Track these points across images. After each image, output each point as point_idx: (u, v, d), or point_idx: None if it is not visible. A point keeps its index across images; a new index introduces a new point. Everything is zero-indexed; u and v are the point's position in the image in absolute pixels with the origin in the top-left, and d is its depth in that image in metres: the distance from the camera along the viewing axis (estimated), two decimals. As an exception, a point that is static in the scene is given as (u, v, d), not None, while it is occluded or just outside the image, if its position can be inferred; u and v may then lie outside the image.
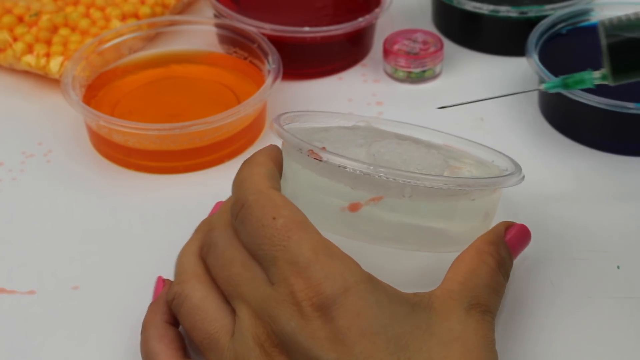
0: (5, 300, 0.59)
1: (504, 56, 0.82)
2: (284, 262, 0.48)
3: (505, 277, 0.54)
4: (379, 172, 0.51)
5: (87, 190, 0.68)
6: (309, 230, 0.49)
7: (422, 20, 0.86)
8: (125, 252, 0.62)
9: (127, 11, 0.81)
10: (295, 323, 0.47)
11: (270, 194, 0.50)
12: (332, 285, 0.47)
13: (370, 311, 0.47)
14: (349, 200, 0.53)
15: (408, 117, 0.72)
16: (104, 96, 0.74)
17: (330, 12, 0.82)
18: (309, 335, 0.47)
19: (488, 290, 0.51)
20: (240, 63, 0.77)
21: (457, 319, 0.49)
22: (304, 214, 0.50)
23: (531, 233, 0.56)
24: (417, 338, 0.48)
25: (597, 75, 0.56)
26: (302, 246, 0.48)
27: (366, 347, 0.46)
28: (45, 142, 0.73)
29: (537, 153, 0.71)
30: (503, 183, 0.55)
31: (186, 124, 0.67)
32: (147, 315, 0.54)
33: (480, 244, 0.53)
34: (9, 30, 0.78)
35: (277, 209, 0.50)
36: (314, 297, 0.47)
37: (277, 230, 0.49)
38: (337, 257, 0.48)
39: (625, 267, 0.61)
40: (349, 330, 0.47)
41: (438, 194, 0.53)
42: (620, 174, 0.69)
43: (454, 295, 0.50)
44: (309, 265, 0.48)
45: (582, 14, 0.78)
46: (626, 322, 0.57)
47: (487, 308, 0.51)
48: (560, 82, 0.56)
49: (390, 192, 0.53)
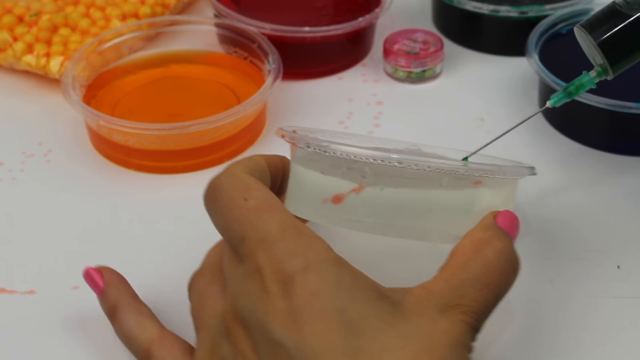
0: (5, 300, 0.59)
1: (504, 56, 0.82)
2: (251, 240, 0.48)
3: (514, 261, 0.50)
4: (394, 160, 0.51)
5: (87, 190, 0.68)
6: (279, 210, 0.49)
7: (422, 20, 0.86)
8: (126, 252, 0.62)
9: (127, 11, 0.81)
10: (256, 298, 0.47)
11: (244, 177, 0.51)
12: (294, 262, 0.47)
13: (328, 292, 0.46)
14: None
15: (408, 117, 0.72)
16: (104, 96, 0.74)
17: (330, 12, 0.82)
18: (266, 310, 0.46)
19: (477, 287, 0.48)
20: (241, 63, 0.77)
21: (427, 318, 0.47)
22: (276, 197, 0.50)
23: (518, 219, 0.53)
24: (374, 327, 0.46)
25: (594, 75, 0.56)
26: (270, 224, 0.48)
27: (317, 327, 0.45)
28: (45, 142, 0.73)
29: (537, 153, 0.71)
30: (495, 173, 0.53)
31: (186, 124, 0.67)
32: (111, 297, 0.54)
33: (476, 233, 0.51)
34: (9, 30, 0.78)
35: (249, 191, 0.50)
36: (276, 273, 0.47)
37: (248, 210, 0.49)
38: (305, 236, 0.48)
39: (626, 267, 0.61)
40: (302, 308, 0.46)
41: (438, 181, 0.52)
42: (620, 174, 0.69)
43: (432, 296, 0.48)
44: (275, 242, 0.47)
45: (583, 13, 0.78)
46: (626, 322, 0.57)
47: (470, 309, 0.48)
48: (563, 93, 0.57)
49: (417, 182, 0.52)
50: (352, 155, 0.51)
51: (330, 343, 0.45)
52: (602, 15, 0.56)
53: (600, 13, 0.56)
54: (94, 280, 0.55)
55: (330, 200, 0.53)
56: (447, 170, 0.51)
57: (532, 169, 0.56)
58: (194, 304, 0.52)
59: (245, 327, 0.47)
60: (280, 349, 0.45)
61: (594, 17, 0.56)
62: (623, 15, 0.55)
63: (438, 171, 0.51)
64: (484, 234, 0.50)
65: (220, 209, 0.50)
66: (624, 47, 0.55)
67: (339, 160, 0.52)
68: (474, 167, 0.52)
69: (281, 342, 0.45)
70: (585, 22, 0.56)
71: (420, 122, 0.66)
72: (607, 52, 0.55)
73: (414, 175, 0.52)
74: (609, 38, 0.55)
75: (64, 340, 0.56)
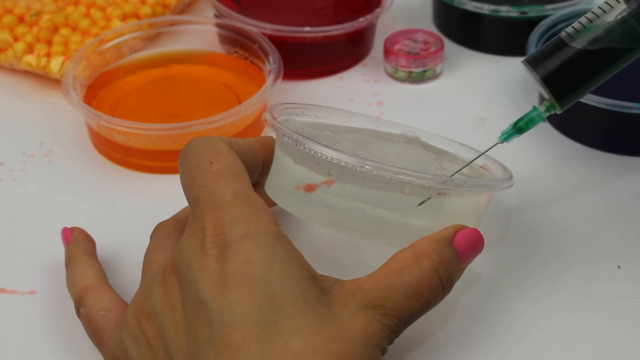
0: (5, 300, 0.59)
1: (505, 56, 0.82)
2: (205, 201, 0.50)
3: (446, 280, 0.51)
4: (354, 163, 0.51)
5: (87, 190, 0.68)
6: (239, 179, 0.51)
7: (423, 20, 0.86)
8: (126, 252, 0.62)
9: (128, 11, 0.81)
10: (194, 256, 0.49)
11: (218, 144, 0.53)
12: (235, 228, 0.48)
13: (260, 263, 0.47)
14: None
15: (408, 117, 0.72)
16: (105, 96, 0.74)
17: (331, 12, 0.82)
18: (200, 269, 0.48)
19: (406, 294, 0.49)
20: (241, 63, 0.77)
21: (347, 310, 0.48)
22: (243, 167, 0.52)
23: (484, 240, 0.53)
24: (294, 305, 0.47)
25: (543, 109, 0.55)
26: (225, 189, 0.50)
27: (240, 295, 0.47)
28: (45, 142, 0.73)
29: (537, 153, 0.71)
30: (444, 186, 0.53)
31: (187, 124, 0.67)
32: (70, 251, 0.58)
33: (423, 243, 0.51)
34: (9, 30, 0.78)
35: (217, 156, 0.52)
36: (217, 235, 0.48)
37: (210, 173, 0.51)
38: (253, 207, 0.50)
39: (626, 267, 0.60)
40: (233, 274, 0.47)
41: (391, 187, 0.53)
42: (620, 174, 0.69)
43: (360, 292, 0.49)
44: (224, 207, 0.49)
45: (583, 13, 0.78)
46: (627, 322, 0.57)
47: (391, 312, 0.49)
48: (513, 129, 0.56)
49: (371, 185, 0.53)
50: (319, 154, 0.52)
51: (248, 313, 0.46)
52: (547, 49, 0.54)
53: (545, 47, 0.54)
54: (65, 236, 0.60)
55: (303, 188, 0.54)
56: (407, 181, 0.52)
57: (505, 182, 0.56)
58: (148, 251, 0.55)
59: (180, 281, 0.49)
60: (204, 308, 0.47)
61: (538, 52, 0.54)
62: (567, 48, 0.53)
63: (398, 180, 0.52)
64: (428, 246, 0.51)
65: (187, 168, 0.52)
66: (570, 81, 0.54)
67: (308, 154, 0.53)
68: (437, 179, 0.52)
69: (206, 302, 0.47)
70: (530, 56, 0.55)
71: (421, 122, 0.66)
72: (552, 87, 0.54)
73: (378, 179, 0.52)
74: (553, 73, 0.54)
75: (64, 340, 0.56)
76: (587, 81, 0.54)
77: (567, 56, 0.53)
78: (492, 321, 0.57)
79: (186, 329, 0.48)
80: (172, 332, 0.48)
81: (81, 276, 0.56)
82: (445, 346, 0.55)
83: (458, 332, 0.56)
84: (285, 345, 0.46)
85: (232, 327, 0.46)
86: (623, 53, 0.53)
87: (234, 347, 0.46)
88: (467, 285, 0.59)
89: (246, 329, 0.46)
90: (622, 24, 0.53)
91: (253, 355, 0.45)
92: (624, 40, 0.53)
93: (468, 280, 0.59)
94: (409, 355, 0.55)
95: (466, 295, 0.59)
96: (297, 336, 0.46)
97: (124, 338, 0.51)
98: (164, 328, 0.49)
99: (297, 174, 0.54)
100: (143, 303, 0.50)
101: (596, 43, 0.53)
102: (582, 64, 0.53)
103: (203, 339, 0.47)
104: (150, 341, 0.49)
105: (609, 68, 0.54)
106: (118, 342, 0.51)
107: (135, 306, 0.51)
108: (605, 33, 0.53)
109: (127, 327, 0.50)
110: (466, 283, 0.59)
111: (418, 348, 0.55)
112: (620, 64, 0.54)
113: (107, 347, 0.52)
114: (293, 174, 0.55)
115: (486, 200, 0.57)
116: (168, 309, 0.49)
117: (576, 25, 0.54)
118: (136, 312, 0.50)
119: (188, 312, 0.48)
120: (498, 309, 0.58)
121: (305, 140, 0.53)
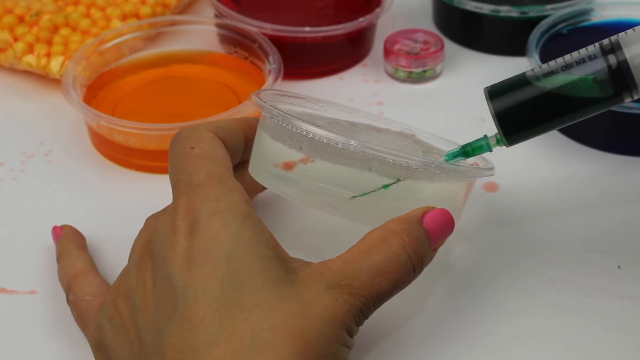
0: (5, 300, 0.59)
1: (505, 56, 0.82)
2: (182, 183, 0.51)
3: (415, 259, 0.50)
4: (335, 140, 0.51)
5: (87, 190, 0.68)
6: (216, 162, 0.52)
7: (423, 20, 0.86)
8: (126, 251, 0.62)
9: (128, 11, 0.81)
10: (166, 234, 0.49)
11: (202, 131, 0.54)
12: (206, 206, 0.49)
13: (225, 240, 0.48)
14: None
15: (408, 116, 0.72)
16: (105, 96, 0.74)
17: (331, 12, 0.82)
18: (170, 246, 0.49)
19: (374, 273, 0.49)
20: (241, 63, 0.77)
21: (312, 290, 0.48)
22: (224, 152, 0.53)
23: (454, 222, 0.53)
24: (256, 282, 0.47)
25: (493, 142, 0.54)
26: (200, 171, 0.51)
27: (204, 271, 0.47)
28: (46, 142, 0.73)
29: (537, 153, 0.71)
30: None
31: (187, 124, 0.67)
32: (60, 246, 0.59)
33: (392, 223, 0.51)
34: (9, 30, 0.78)
35: (199, 142, 0.53)
36: (188, 213, 0.49)
37: (190, 157, 0.52)
38: (226, 186, 0.50)
39: (626, 267, 0.60)
40: (198, 251, 0.48)
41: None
42: (620, 173, 0.69)
43: (327, 272, 0.48)
44: (197, 187, 0.50)
45: (583, 13, 0.78)
46: (627, 322, 0.57)
47: (358, 291, 0.48)
48: (460, 151, 0.55)
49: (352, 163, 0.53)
50: (290, 126, 0.52)
51: (210, 289, 0.47)
52: (509, 83, 0.53)
53: (508, 80, 0.53)
54: (55, 234, 0.61)
55: (282, 166, 0.55)
56: (373, 155, 0.51)
57: (478, 171, 0.56)
58: (137, 236, 0.56)
59: (153, 260, 0.50)
60: (170, 285, 0.48)
61: (500, 83, 0.54)
62: (528, 87, 0.52)
63: (364, 154, 0.51)
64: (397, 226, 0.51)
65: (171, 155, 0.54)
66: (521, 121, 0.53)
67: (281, 127, 0.53)
68: (404, 157, 0.51)
69: (172, 278, 0.48)
70: (492, 86, 0.54)
71: (421, 122, 0.66)
72: (502, 122, 0.53)
73: (345, 154, 0.52)
74: (506, 110, 0.53)
75: (64, 340, 0.56)
76: (541, 124, 0.53)
77: (525, 95, 0.52)
78: (492, 321, 0.57)
79: (155, 306, 0.48)
80: (142, 309, 0.49)
81: (71, 266, 0.57)
82: (445, 346, 0.55)
83: (458, 332, 0.56)
84: (244, 320, 0.46)
85: (193, 302, 0.47)
86: (584, 104, 0.52)
87: (194, 321, 0.46)
88: (467, 285, 0.59)
89: (206, 304, 0.46)
90: (584, 80, 0.52)
91: (211, 330, 0.46)
92: (588, 91, 0.52)
93: (468, 280, 0.59)
94: (409, 355, 0.55)
95: (466, 295, 0.59)
96: (256, 312, 0.46)
97: (101, 319, 0.51)
98: (136, 306, 0.49)
99: (274, 150, 0.55)
100: (120, 284, 0.51)
101: (559, 88, 0.52)
102: (540, 106, 0.52)
103: (167, 315, 0.47)
104: (124, 320, 0.50)
105: (567, 116, 0.53)
106: (97, 324, 0.51)
107: (113, 288, 0.52)
108: (570, 80, 0.52)
109: (105, 309, 0.51)
110: (466, 283, 0.59)
111: (418, 348, 0.55)
112: (579, 115, 0.53)
113: (89, 330, 0.53)
114: (271, 151, 0.55)
115: (463, 191, 0.57)
116: (140, 288, 0.50)
117: (544, 67, 0.53)
118: (113, 293, 0.51)
119: (157, 289, 0.49)
120: (498, 309, 0.58)
121: (279, 113, 0.53)
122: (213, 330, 0.46)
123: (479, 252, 0.62)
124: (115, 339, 0.50)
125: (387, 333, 0.56)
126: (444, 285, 0.59)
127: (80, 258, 0.58)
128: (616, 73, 0.51)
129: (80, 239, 0.61)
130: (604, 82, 0.52)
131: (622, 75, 0.51)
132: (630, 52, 0.51)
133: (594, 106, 0.52)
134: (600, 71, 0.52)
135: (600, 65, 0.52)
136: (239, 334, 0.46)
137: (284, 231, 0.63)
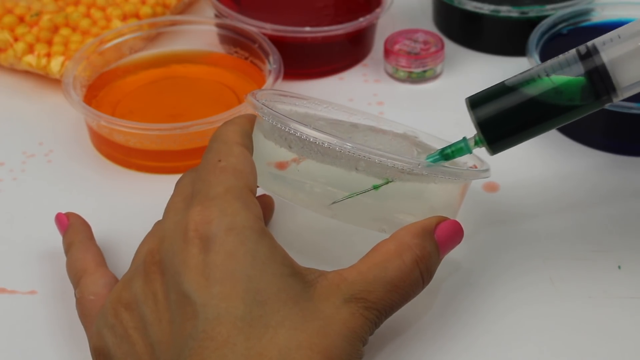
0: (5, 300, 0.59)
1: (505, 56, 0.82)
2: (201, 194, 0.51)
3: (426, 273, 0.51)
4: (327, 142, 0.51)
5: (87, 190, 0.68)
6: (239, 177, 0.51)
7: (423, 20, 0.86)
8: (126, 252, 0.62)
9: (128, 11, 0.81)
10: (178, 246, 0.49)
11: (232, 145, 0.53)
12: (221, 221, 0.49)
13: (243, 257, 0.48)
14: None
15: (408, 117, 0.72)
16: (105, 96, 0.74)
17: (331, 12, 0.82)
18: (182, 260, 0.48)
19: (388, 287, 0.50)
20: (241, 63, 0.77)
21: (331, 304, 0.48)
22: (252, 167, 0.52)
23: (463, 231, 0.54)
24: (278, 300, 0.47)
25: (472, 144, 0.55)
26: (220, 184, 0.51)
27: (224, 289, 0.47)
28: (46, 142, 0.73)
29: (537, 153, 0.71)
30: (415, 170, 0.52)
31: (187, 124, 0.67)
32: (69, 237, 0.59)
33: (405, 235, 0.51)
34: (9, 30, 0.78)
35: (227, 155, 0.52)
36: (202, 227, 0.49)
37: (215, 169, 0.52)
38: (243, 201, 0.50)
39: (626, 267, 0.60)
40: (216, 267, 0.47)
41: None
42: (620, 173, 0.69)
43: (343, 284, 0.49)
44: (213, 200, 0.50)
45: (583, 14, 0.78)
46: (627, 322, 0.57)
47: (374, 305, 0.49)
48: (440, 155, 0.55)
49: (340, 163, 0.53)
50: (279, 124, 0.52)
51: (233, 307, 0.47)
52: (490, 92, 0.53)
53: (489, 89, 0.54)
54: (61, 223, 0.60)
55: (275, 166, 0.55)
56: (359, 155, 0.51)
57: (469, 173, 0.56)
58: (142, 240, 0.55)
59: (162, 271, 0.49)
60: (188, 301, 0.47)
61: (481, 93, 0.54)
62: (509, 95, 0.53)
63: (349, 154, 0.52)
64: (411, 240, 0.51)
65: (200, 165, 0.53)
66: (503, 129, 0.53)
67: (272, 126, 0.53)
68: (390, 157, 0.51)
69: (189, 295, 0.47)
70: (473, 96, 0.54)
71: (421, 122, 0.66)
72: (485, 131, 0.53)
73: (332, 153, 0.52)
74: (488, 119, 0.53)
75: (64, 341, 0.56)
76: (523, 131, 0.53)
77: (506, 104, 0.53)
78: (492, 321, 0.57)
79: (169, 320, 0.48)
80: (155, 323, 0.48)
81: (81, 260, 0.57)
82: (445, 346, 0.55)
83: (458, 332, 0.56)
84: (271, 340, 0.46)
85: (216, 321, 0.46)
86: (564, 110, 0.52)
87: (219, 340, 0.46)
88: (467, 285, 0.59)
89: (230, 323, 0.46)
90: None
91: (239, 349, 0.46)
92: (568, 96, 0.52)
93: (468, 280, 0.59)
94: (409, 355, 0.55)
95: (466, 295, 0.59)
96: (281, 331, 0.46)
97: (100, 326, 0.51)
98: (146, 319, 0.49)
99: (267, 149, 0.55)
100: (122, 292, 0.51)
101: (540, 95, 0.52)
102: (521, 114, 0.53)
103: (186, 332, 0.47)
104: (129, 331, 0.49)
105: (548, 122, 0.53)
106: (96, 329, 0.51)
107: (114, 295, 0.51)
108: (550, 86, 0.52)
109: (104, 316, 0.51)
110: (466, 283, 0.59)
111: (418, 348, 0.55)
112: (561, 121, 0.53)
113: (90, 332, 0.53)
114: (263, 151, 0.55)
115: (456, 192, 0.56)
116: (150, 299, 0.49)
117: (524, 74, 0.53)
118: (113, 301, 0.51)
119: (171, 303, 0.48)
120: (498, 308, 0.58)
121: (269, 111, 0.53)
122: (240, 350, 0.46)
123: (479, 252, 0.62)
124: (118, 348, 0.49)
125: (387, 333, 0.56)
126: (444, 286, 0.59)
127: (90, 251, 0.58)
128: (594, 77, 0.52)
129: (87, 228, 0.60)
130: (584, 87, 0.52)
131: (601, 79, 0.52)
132: (607, 57, 0.51)
133: (574, 111, 0.53)
134: (579, 76, 0.52)
135: (579, 70, 0.52)
136: (267, 353, 0.46)
137: (284, 231, 0.63)
